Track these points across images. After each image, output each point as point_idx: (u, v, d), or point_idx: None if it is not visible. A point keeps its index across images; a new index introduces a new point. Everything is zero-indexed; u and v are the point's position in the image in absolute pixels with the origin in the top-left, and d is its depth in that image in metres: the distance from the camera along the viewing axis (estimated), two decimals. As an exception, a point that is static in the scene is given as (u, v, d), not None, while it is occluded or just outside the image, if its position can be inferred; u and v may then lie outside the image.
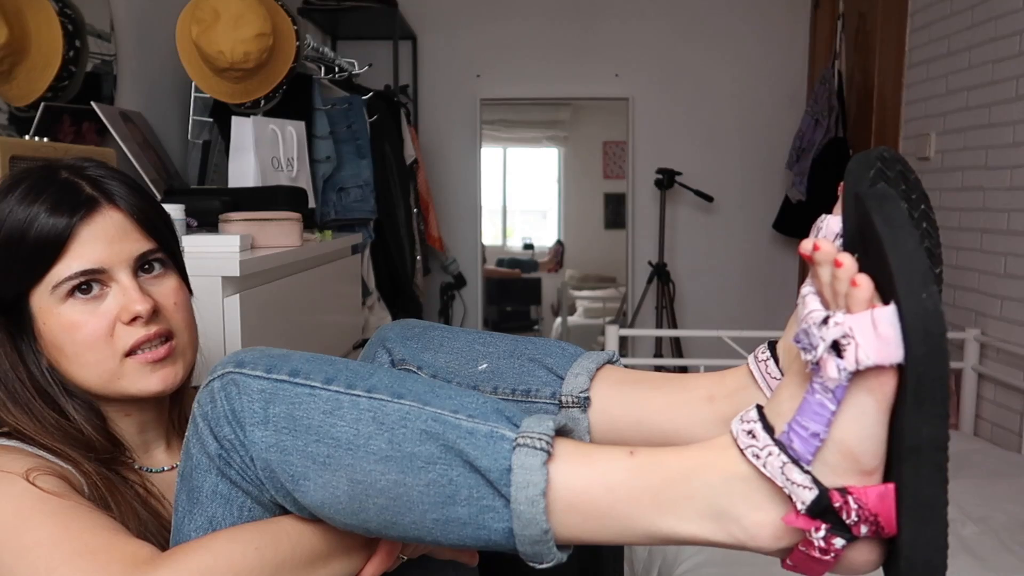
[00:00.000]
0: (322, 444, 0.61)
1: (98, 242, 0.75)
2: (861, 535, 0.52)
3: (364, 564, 0.70)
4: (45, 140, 1.30)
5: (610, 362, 0.80)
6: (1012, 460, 2.12)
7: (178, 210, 1.28)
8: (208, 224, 1.48)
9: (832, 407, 0.52)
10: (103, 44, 1.75)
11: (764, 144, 3.66)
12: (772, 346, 0.73)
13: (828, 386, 0.51)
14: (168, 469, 0.85)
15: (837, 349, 0.50)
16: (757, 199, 3.69)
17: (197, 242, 1.28)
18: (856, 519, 0.51)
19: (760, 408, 0.57)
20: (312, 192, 2.04)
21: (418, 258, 3.07)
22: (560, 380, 0.78)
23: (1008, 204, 2.32)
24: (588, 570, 1.03)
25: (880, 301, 0.50)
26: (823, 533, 0.52)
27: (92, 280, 0.76)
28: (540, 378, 0.78)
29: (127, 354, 0.77)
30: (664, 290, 3.38)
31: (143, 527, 0.75)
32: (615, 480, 0.57)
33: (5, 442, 0.75)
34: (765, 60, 3.63)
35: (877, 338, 0.49)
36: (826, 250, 0.53)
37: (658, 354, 3.47)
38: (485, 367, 0.80)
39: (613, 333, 2.47)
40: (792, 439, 0.53)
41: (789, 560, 0.55)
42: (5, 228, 0.74)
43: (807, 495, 0.52)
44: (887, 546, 0.54)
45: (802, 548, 0.53)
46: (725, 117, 3.67)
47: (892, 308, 0.49)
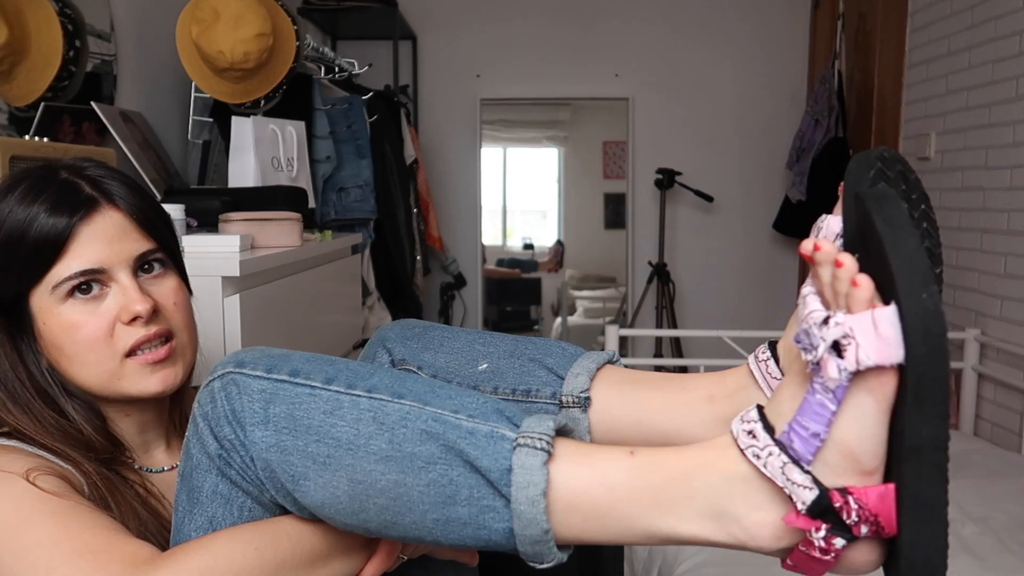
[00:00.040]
0: (322, 444, 0.62)
1: (98, 242, 0.75)
2: (861, 535, 0.52)
3: (364, 564, 0.70)
4: (45, 140, 1.30)
5: (610, 362, 0.80)
6: (1012, 460, 2.12)
7: (178, 210, 1.28)
8: (208, 224, 1.48)
9: (832, 407, 0.52)
10: (103, 44, 1.75)
11: (764, 144, 3.66)
12: (772, 346, 0.73)
13: (828, 386, 0.51)
14: (168, 469, 0.85)
15: (837, 349, 0.50)
16: (757, 199, 3.69)
17: (197, 242, 1.28)
18: (856, 519, 0.51)
19: (760, 408, 0.58)
20: (312, 192, 2.04)
21: (418, 258, 3.07)
22: (560, 380, 0.78)
23: (1008, 204, 2.32)
24: (588, 570, 1.03)
25: (880, 301, 0.50)
26: (823, 533, 0.52)
27: (92, 280, 0.76)
28: (540, 378, 0.78)
29: (127, 355, 0.77)
30: (664, 290, 3.38)
31: (143, 527, 0.75)
32: (615, 480, 0.57)
33: (5, 442, 0.75)
34: (765, 60, 3.63)
35: (877, 338, 0.49)
36: (827, 250, 0.53)
37: (658, 354, 3.47)
38: (485, 367, 0.80)
39: (613, 333, 2.47)
40: (792, 439, 0.53)
41: (789, 560, 0.55)
42: (5, 228, 0.74)
43: (807, 495, 0.52)
44: (887, 546, 0.54)
45: (802, 548, 0.53)
46: (725, 117, 3.67)
47: (892, 308, 0.49)
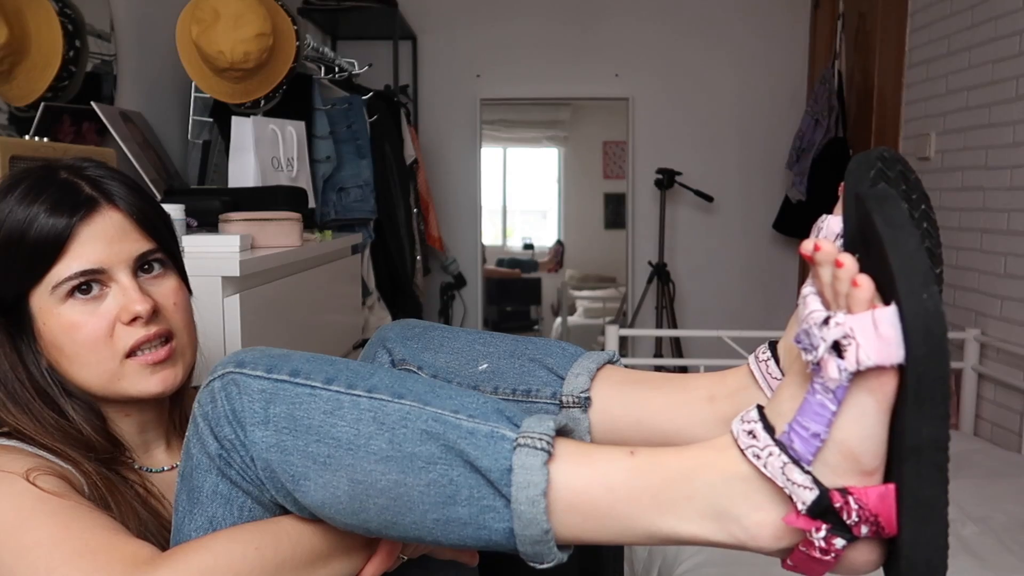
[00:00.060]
0: (323, 444, 0.61)
1: (98, 242, 0.75)
2: (861, 535, 0.52)
3: (364, 564, 0.70)
4: (45, 140, 1.30)
5: (610, 362, 0.80)
6: (1012, 460, 2.12)
7: (178, 210, 1.28)
8: (208, 224, 1.48)
9: (833, 407, 0.52)
10: (103, 44, 1.75)
11: (764, 144, 3.66)
12: (773, 346, 0.73)
13: (829, 386, 0.51)
14: (168, 469, 0.85)
15: (838, 349, 0.50)
16: (757, 199, 3.69)
17: (197, 242, 1.28)
18: (857, 519, 0.51)
19: (761, 408, 0.57)
20: (312, 192, 2.04)
21: (418, 258, 3.07)
22: (561, 380, 0.78)
23: (1008, 204, 2.32)
24: (588, 570, 1.03)
25: (881, 301, 0.50)
26: (824, 533, 0.52)
27: (92, 280, 0.76)
28: (541, 378, 0.78)
29: (128, 355, 0.77)
30: (664, 290, 3.38)
31: (143, 527, 0.75)
32: (615, 480, 0.57)
33: (5, 442, 0.75)
34: (765, 60, 3.63)
35: (878, 338, 0.49)
36: (827, 250, 0.53)
37: (658, 354, 3.47)
38: (485, 367, 0.80)
39: (613, 333, 2.47)
40: (793, 439, 0.53)
41: (789, 560, 0.55)
42: (5, 228, 0.74)
43: (808, 495, 0.52)
44: (887, 546, 0.54)
45: (802, 548, 0.53)
46: (725, 117, 3.67)
47: (893, 308, 0.49)
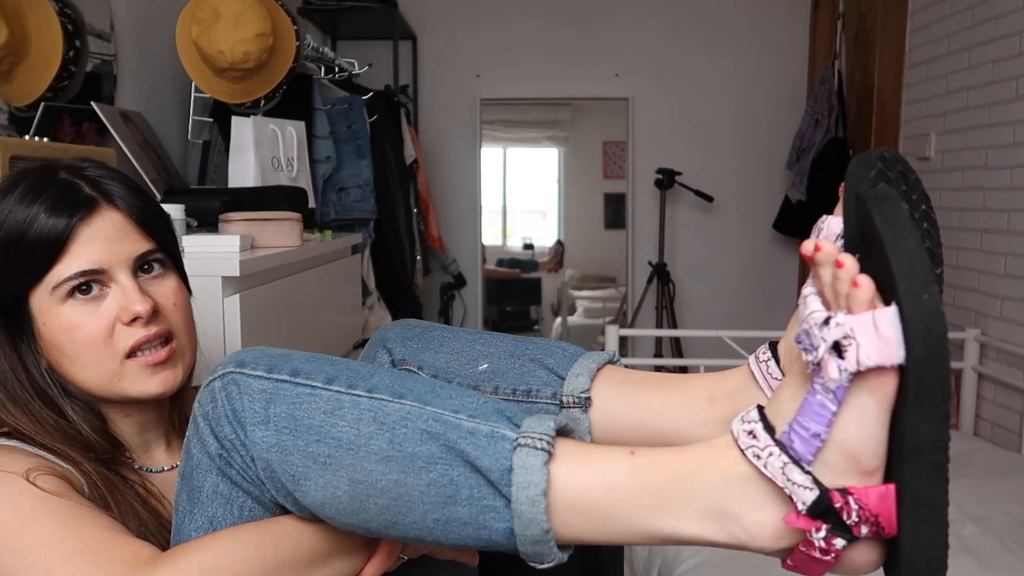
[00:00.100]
0: (323, 444, 0.61)
1: (97, 242, 0.75)
2: (862, 535, 0.52)
3: (364, 564, 0.70)
4: (45, 140, 1.30)
5: (611, 362, 0.80)
6: (1012, 460, 2.12)
7: (178, 210, 1.28)
8: (208, 224, 1.48)
9: (833, 407, 0.52)
10: (103, 44, 1.75)
11: (764, 144, 3.66)
12: (773, 346, 0.73)
13: (829, 387, 0.51)
14: (168, 469, 0.85)
15: (838, 350, 0.50)
16: (757, 199, 3.69)
17: (197, 242, 1.28)
18: (857, 519, 0.51)
19: (761, 408, 0.57)
20: (312, 192, 2.04)
21: (418, 258, 3.07)
22: (561, 380, 0.78)
23: (1008, 204, 2.32)
24: (588, 570, 1.03)
25: (881, 302, 0.50)
26: (824, 534, 0.52)
27: (92, 280, 0.76)
28: (541, 378, 0.78)
29: (128, 356, 0.77)
30: (664, 290, 3.38)
31: (143, 527, 0.75)
32: (616, 480, 0.57)
33: (5, 442, 0.75)
34: (765, 60, 3.63)
35: (878, 339, 0.49)
36: (827, 251, 0.53)
37: (658, 354, 3.47)
38: (486, 367, 0.80)
39: (613, 333, 2.47)
40: (793, 439, 0.53)
41: (789, 560, 0.55)
42: (4, 228, 0.74)
43: (808, 495, 0.52)
44: (887, 546, 0.54)
45: (803, 548, 0.53)
46: (725, 117, 3.67)
47: (893, 309, 0.49)
